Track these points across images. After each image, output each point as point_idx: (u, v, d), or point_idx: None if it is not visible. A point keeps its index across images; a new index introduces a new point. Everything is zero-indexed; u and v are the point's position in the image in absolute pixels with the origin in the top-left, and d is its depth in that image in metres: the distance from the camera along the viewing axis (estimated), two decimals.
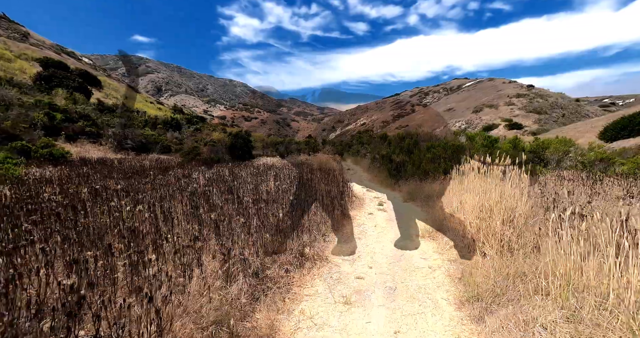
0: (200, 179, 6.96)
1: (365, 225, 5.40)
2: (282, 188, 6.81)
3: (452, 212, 5.16)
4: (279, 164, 15.35)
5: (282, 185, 7.22)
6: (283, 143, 21.05)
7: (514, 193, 3.53)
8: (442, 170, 8.36)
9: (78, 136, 18.69)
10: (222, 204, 4.34)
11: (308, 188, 6.79)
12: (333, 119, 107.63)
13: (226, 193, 5.17)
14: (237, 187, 6.17)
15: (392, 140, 12.72)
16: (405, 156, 10.61)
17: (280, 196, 5.82)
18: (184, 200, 4.34)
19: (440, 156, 8.89)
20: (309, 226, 4.48)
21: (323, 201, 5.52)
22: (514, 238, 3.18)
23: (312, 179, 8.11)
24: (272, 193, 6.03)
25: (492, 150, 8.55)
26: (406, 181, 10.02)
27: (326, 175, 10.02)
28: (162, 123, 31.17)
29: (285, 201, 5.50)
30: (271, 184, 7.24)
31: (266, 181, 7.66)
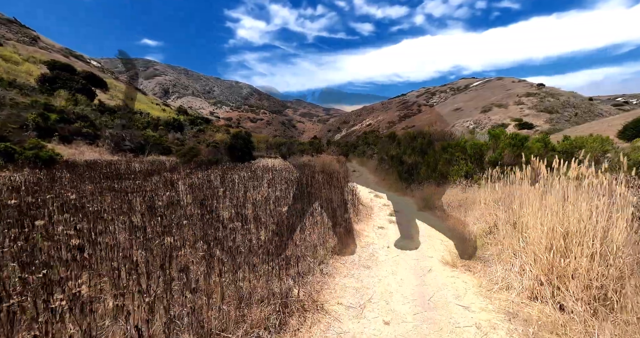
0: (179, 186, 5.90)
1: (375, 245, 4.22)
2: (275, 196, 5.69)
3: (488, 231, 3.96)
4: (279, 166, 14.23)
5: (277, 192, 6.09)
6: (285, 144, 19.98)
7: (597, 209, 2.34)
8: (464, 173, 7.13)
9: (74, 138, 17.92)
10: (186, 223, 3.24)
11: (306, 196, 5.66)
12: (338, 120, 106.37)
13: (200, 206, 4.07)
14: (219, 196, 5.07)
15: (402, 140, 11.52)
16: (418, 157, 9.40)
17: (271, 207, 4.70)
18: (136, 216, 3.26)
19: (459, 157, 7.66)
20: (302, 250, 3.35)
21: (322, 215, 4.37)
22: (613, 284, 2.01)
23: (312, 184, 6.97)
24: (262, 204, 4.91)
25: (522, 150, 7.28)
26: (419, 186, 8.80)
27: (329, 178, 8.87)
28: (164, 124, 30.47)
29: (276, 214, 4.38)
30: (264, 190, 6.12)
31: (259, 187, 6.56)
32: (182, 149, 15.38)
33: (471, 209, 4.99)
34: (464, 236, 4.14)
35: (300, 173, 9.75)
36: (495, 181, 5.08)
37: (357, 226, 5.06)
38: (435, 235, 4.75)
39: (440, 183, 7.64)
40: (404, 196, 8.60)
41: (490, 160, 7.44)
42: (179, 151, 19.99)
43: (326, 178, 9.12)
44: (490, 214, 4.16)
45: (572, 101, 66.62)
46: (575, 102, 66.27)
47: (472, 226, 4.27)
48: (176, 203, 4.15)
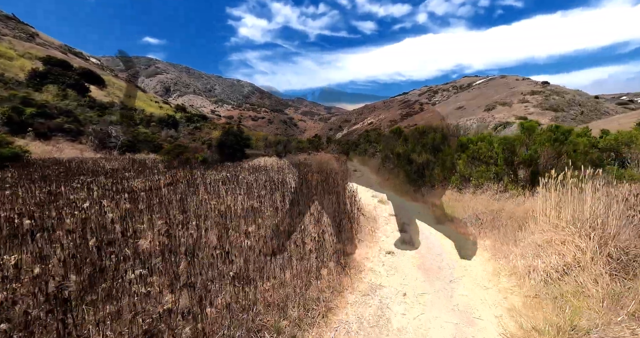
0: (125, 191, 4.39)
1: (384, 290, 2.68)
2: (247, 207, 4.15)
3: (565, 269, 2.40)
4: (272, 165, 12.69)
5: (253, 201, 4.56)
6: (281, 141, 18.46)
7: None
8: (493, 176, 5.56)
9: (53, 134, 16.45)
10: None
11: (296, 205, 4.14)
12: (340, 119, 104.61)
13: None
14: (160, 208, 3.54)
15: (409, 136, 9.95)
16: (430, 154, 7.83)
17: (235, 224, 3.18)
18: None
19: (485, 156, 6.07)
20: (264, 317, 1.84)
21: (308, 240, 2.84)
22: None
23: (301, 190, 5.43)
24: (220, 219, 3.39)
25: (565, 146, 5.69)
26: (432, 189, 7.23)
27: (324, 179, 7.33)
28: (157, 121, 29.03)
29: (237, 238, 2.86)
30: (229, 199, 4.58)
31: (231, 194, 5.02)
32: (167, 147, 13.88)
33: (521, 229, 3.43)
34: (532, 282, 2.56)
35: (286, 177, 8.23)
36: (553, 186, 3.51)
37: (357, 251, 3.52)
38: (475, 271, 3.18)
39: (462, 187, 6.08)
40: (414, 201, 7.03)
41: (524, 159, 5.86)
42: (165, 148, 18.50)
43: (322, 179, 7.58)
44: (564, 242, 2.61)
45: (577, 99, 64.55)
46: (581, 100, 64.21)
47: (534, 259, 2.72)
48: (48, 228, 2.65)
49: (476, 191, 5.68)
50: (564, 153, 5.77)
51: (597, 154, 6.08)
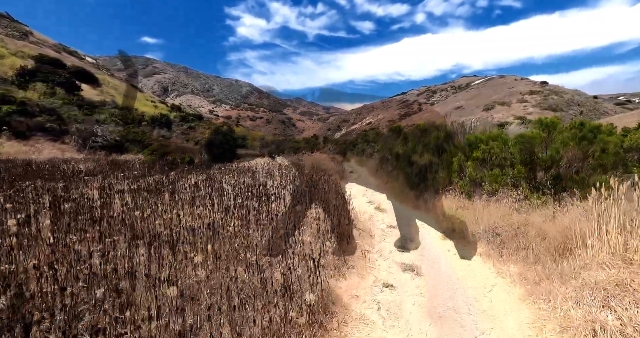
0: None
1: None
2: (208, 221, 3.24)
3: None
4: (263, 166, 11.76)
5: (219, 213, 3.64)
6: (275, 141, 17.57)
7: None
8: (511, 181, 4.66)
9: (33, 133, 15.48)
10: None
11: (268, 221, 3.24)
12: (338, 119, 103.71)
13: None
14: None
15: (410, 134, 9.06)
16: (433, 155, 6.93)
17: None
18: None
19: (498, 157, 5.18)
20: None
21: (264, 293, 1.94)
22: None
23: (283, 198, 4.52)
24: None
25: (594, 146, 4.80)
26: (436, 195, 6.33)
27: (315, 183, 6.43)
28: (149, 120, 28.08)
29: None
30: (200, 213, 3.66)
31: (203, 205, 4.11)
32: (152, 147, 12.93)
33: (562, 255, 2.53)
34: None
35: (281, 179, 7.33)
36: (609, 198, 2.62)
37: (345, 284, 2.62)
38: (506, 319, 2.24)
39: (472, 192, 5.18)
40: (416, 209, 6.13)
41: (544, 161, 4.96)
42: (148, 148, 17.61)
43: (315, 181, 6.68)
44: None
45: (576, 99, 63.88)
46: (579, 100, 63.53)
47: (599, 310, 1.83)
48: None
49: (490, 199, 4.78)
50: (591, 153, 4.89)
51: (622, 155, 5.20)
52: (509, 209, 4.22)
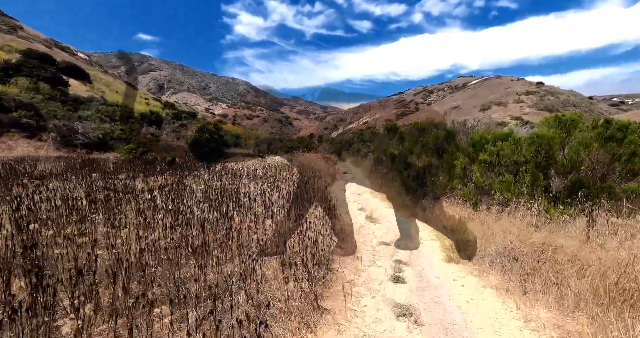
0: None
1: None
2: (144, 246, 2.40)
3: None
4: (249, 167, 10.90)
5: (164, 233, 2.80)
6: (266, 140, 16.70)
7: None
8: (527, 189, 3.87)
9: (6, 129, 14.47)
10: None
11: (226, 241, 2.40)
12: (335, 118, 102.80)
13: None
14: None
15: (406, 134, 8.25)
16: (432, 157, 6.13)
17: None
18: None
19: (509, 160, 4.38)
20: None
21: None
22: None
23: (254, 204, 3.68)
24: None
25: (623, 148, 4.02)
26: (436, 202, 5.53)
27: (304, 184, 5.61)
28: (139, 117, 27.00)
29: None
30: (138, 234, 2.81)
31: (152, 219, 3.26)
32: (130, 145, 12.00)
33: (631, 305, 1.74)
34: None
35: (262, 183, 6.49)
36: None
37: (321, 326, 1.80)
38: None
39: (479, 201, 4.38)
40: (413, 218, 5.32)
41: (563, 164, 4.17)
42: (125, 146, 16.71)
43: (308, 178, 5.86)
44: None
45: (572, 99, 63.63)
46: (575, 101, 63.30)
47: None
48: None
49: (501, 211, 3.98)
50: (619, 156, 4.11)
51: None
52: (526, 225, 3.42)
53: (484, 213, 4.19)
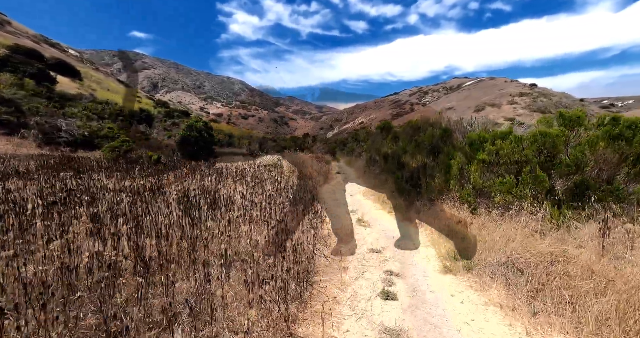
0: None
1: None
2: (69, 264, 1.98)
3: None
4: (237, 168, 10.47)
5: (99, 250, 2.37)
6: (258, 139, 16.25)
7: None
8: (529, 191, 3.53)
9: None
10: None
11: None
12: (331, 118, 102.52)
13: None
14: None
15: (400, 133, 7.91)
16: (427, 157, 5.78)
17: None
18: None
19: (509, 160, 4.04)
20: None
21: None
22: None
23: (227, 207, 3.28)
24: None
25: (634, 148, 3.71)
26: (431, 204, 5.18)
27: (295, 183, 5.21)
28: (128, 115, 26.29)
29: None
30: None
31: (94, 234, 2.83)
32: (113, 143, 11.45)
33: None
34: None
35: (245, 185, 6.07)
36: None
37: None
38: None
39: (477, 204, 4.04)
40: (406, 222, 4.96)
41: (568, 164, 3.84)
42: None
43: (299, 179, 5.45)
44: None
45: (564, 101, 64.33)
46: (567, 102, 64.01)
47: None
48: None
49: (502, 214, 3.63)
50: (629, 156, 3.80)
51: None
52: (531, 231, 3.07)
53: (483, 216, 3.85)
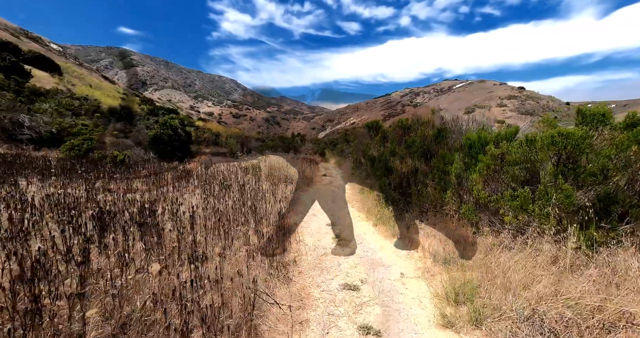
0: None
1: None
2: None
3: None
4: (215, 168, 9.47)
5: None
6: (239, 138, 15.22)
7: None
8: (552, 209, 2.69)
9: None
10: None
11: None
12: (323, 118, 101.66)
13: None
14: None
15: (389, 133, 7.06)
16: (419, 161, 4.94)
17: None
18: None
19: (520, 167, 3.22)
20: None
21: None
22: None
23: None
24: None
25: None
26: (424, 217, 4.34)
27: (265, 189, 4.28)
28: (107, 112, 24.86)
29: None
30: None
31: None
32: (74, 141, 10.26)
33: None
34: None
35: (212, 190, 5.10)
36: None
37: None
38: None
39: (479, 223, 3.19)
40: (394, 239, 4.09)
41: (593, 173, 3.04)
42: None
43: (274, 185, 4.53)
44: None
45: (551, 104, 65.23)
46: (554, 106, 64.91)
47: None
48: None
49: (515, 238, 2.79)
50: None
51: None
52: (561, 268, 2.22)
53: (489, 238, 3.01)
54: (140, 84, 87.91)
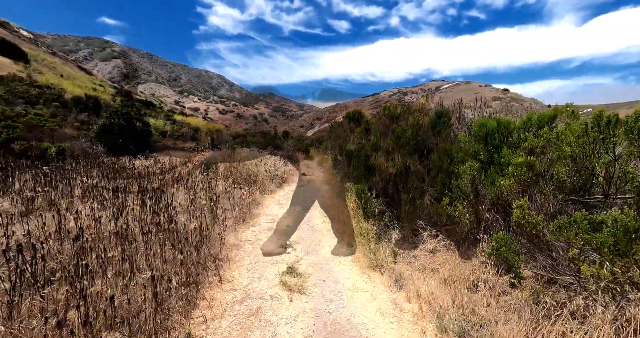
0: None
1: None
2: None
3: None
4: (173, 168, 7.87)
5: None
6: (209, 132, 13.54)
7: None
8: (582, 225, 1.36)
9: None
10: None
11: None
12: (312, 116, 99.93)
13: None
14: None
15: (374, 124, 5.67)
16: (410, 158, 3.56)
17: None
18: None
19: (580, 167, 1.89)
20: None
21: None
22: None
23: None
24: None
25: None
26: (419, 240, 2.93)
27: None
28: (71, 102, 22.36)
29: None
30: None
31: None
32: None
33: None
34: None
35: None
36: None
37: None
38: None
39: (519, 266, 1.83)
40: (374, 274, 2.69)
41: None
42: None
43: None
44: None
45: (534, 107, 66.10)
46: (537, 108, 65.68)
47: None
48: None
49: (607, 307, 1.42)
50: None
51: None
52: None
53: (539, 299, 1.64)
54: (122, 77, 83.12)
